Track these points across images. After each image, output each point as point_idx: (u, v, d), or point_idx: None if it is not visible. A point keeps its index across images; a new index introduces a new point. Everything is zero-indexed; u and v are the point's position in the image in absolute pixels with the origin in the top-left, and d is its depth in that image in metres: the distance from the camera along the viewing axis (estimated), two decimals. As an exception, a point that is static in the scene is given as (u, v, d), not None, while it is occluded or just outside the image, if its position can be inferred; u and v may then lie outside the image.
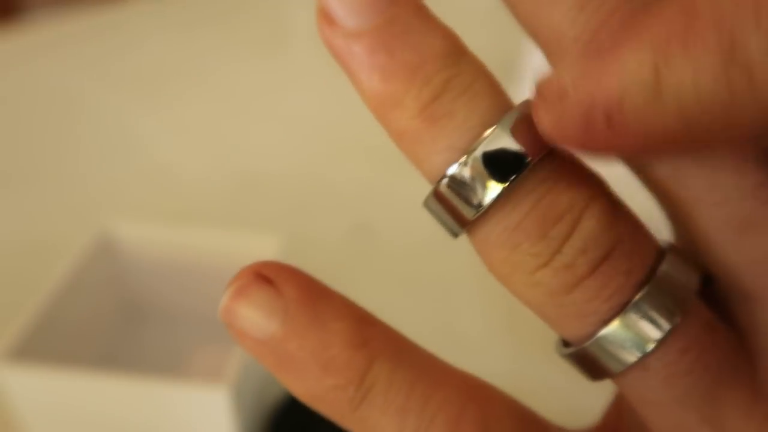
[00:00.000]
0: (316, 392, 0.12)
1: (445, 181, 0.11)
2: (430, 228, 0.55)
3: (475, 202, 0.11)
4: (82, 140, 0.62)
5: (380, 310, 0.12)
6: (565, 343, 0.12)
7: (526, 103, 0.11)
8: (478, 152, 0.11)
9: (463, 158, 0.11)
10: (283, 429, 0.34)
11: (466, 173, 0.11)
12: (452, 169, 0.11)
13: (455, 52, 0.11)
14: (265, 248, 0.37)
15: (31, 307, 0.32)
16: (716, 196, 0.11)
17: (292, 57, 0.82)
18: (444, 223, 0.12)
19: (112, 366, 0.37)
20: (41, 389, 0.30)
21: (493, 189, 0.11)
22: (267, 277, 0.12)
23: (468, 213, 0.11)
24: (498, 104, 0.11)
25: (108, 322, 0.39)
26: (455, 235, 0.12)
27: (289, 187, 0.55)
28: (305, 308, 0.12)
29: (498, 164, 0.11)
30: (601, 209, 0.11)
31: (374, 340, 0.12)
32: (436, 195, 0.11)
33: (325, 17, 0.11)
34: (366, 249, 0.49)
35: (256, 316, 0.12)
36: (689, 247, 0.12)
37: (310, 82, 0.76)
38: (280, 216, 0.52)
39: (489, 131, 0.11)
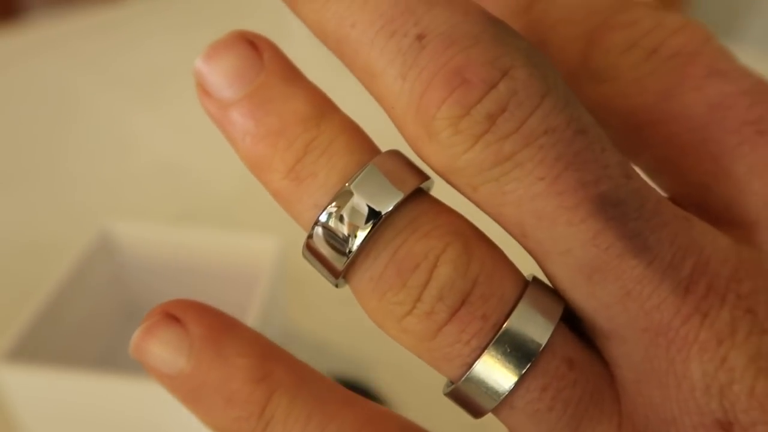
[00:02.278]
0: (222, 424, 0.12)
1: (312, 235, 0.12)
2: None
3: (342, 254, 0.12)
4: (83, 140, 0.62)
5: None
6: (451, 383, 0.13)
7: (385, 155, 0.12)
8: (338, 208, 0.12)
9: (325, 214, 0.12)
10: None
11: (331, 228, 0.12)
12: (316, 229, 0.12)
13: (317, 114, 0.12)
14: (265, 249, 0.37)
15: (31, 307, 0.32)
16: (559, 247, 0.11)
17: (293, 57, 0.82)
18: (322, 273, 0.12)
19: (112, 366, 0.37)
20: (41, 389, 0.30)
21: (356, 239, 0.11)
22: (174, 315, 0.12)
23: (338, 263, 0.12)
24: (356, 161, 0.12)
25: (108, 322, 0.39)
26: (336, 285, 0.12)
27: (289, 187, 0.55)
28: (209, 344, 0.12)
29: (354, 222, 0.11)
30: (456, 254, 0.11)
31: (275, 373, 0.12)
32: (308, 247, 0.12)
33: (203, 89, 0.13)
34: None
35: (164, 353, 0.12)
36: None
37: (311, 80, 0.76)
38: (280, 216, 0.51)
39: (346, 191, 0.12)
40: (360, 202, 0.11)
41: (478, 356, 0.11)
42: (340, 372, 0.38)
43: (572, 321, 0.12)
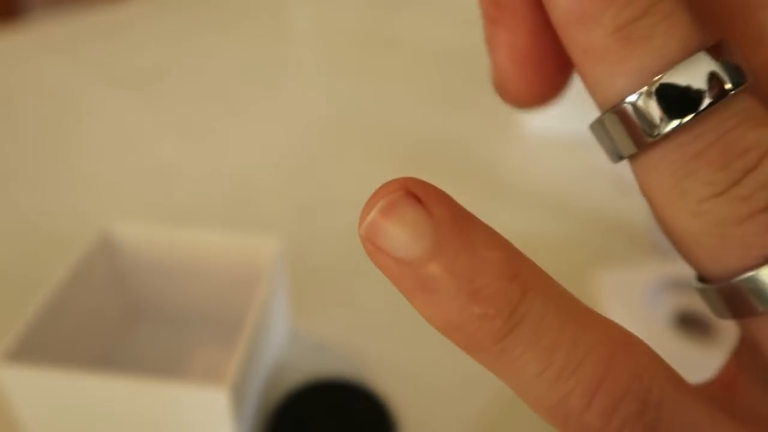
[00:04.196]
0: (455, 320, 0.11)
1: (632, 99, 0.11)
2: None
3: (657, 127, 0.11)
4: (83, 140, 0.62)
5: (380, 310, 0.12)
6: (702, 280, 0.12)
7: (723, 41, 0.11)
8: (675, 80, 0.11)
9: (655, 83, 0.11)
10: (282, 428, 0.34)
11: (654, 98, 0.11)
12: (639, 93, 0.11)
13: None
14: (265, 249, 0.37)
15: (31, 306, 0.32)
16: None
17: (293, 57, 0.82)
18: (612, 144, 0.12)
19: (112, 366, 0.37)
20: (41, 389, 0.30)
21: (679, 120, 0.11)
22: (416, 195, 0.11)
23: (647, 136, 0.11)
24: (698, 33, 0.11)
25: (108, 322, 0.39)
26: (619, 158, 0.12)
27: (288, 187, 0.55)
28: (457, 232, 0.11)
29: (688, 97, 0.11)
30: None
31: (526, 273, 0.11)
32: (619, 113, 0.11)
33: None
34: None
35: (403, 235, 0.11)
36: None
37: (311, 82, 0.76)
38: (280, 216, 0.52)
39: (687, 60, 0.11)
40: (700, 79, 0.11)
41: None
42: (340, 372, 0.38)
43: None
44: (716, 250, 0.11)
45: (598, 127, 0.12)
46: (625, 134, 0.11)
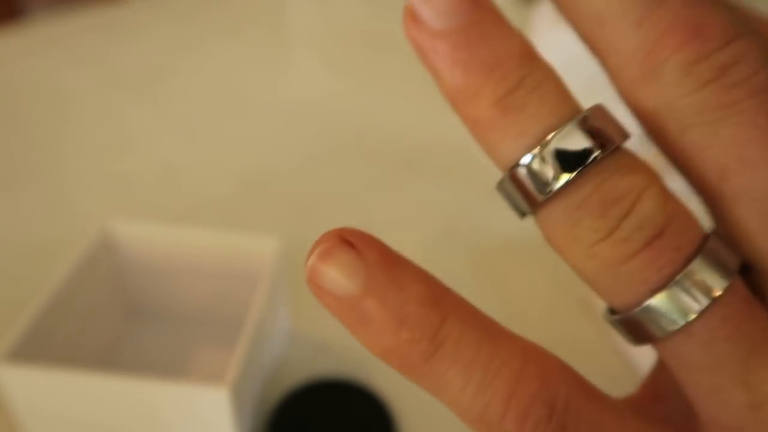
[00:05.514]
0: (388, 346, 0.13)
1: (520, 167, 0.13)
2: (429, 228, 0.56)
3: (546, 187, 0.13)
4: (83, 140, 0.62)
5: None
6: (612, 312, 0.14)
7: (594, 107, 0.13)
8: (552, 146, 0.12)
9: (537, 149, 0.12)
10: (282, 428, 0.34)
11: (539, 163, 0.12)
12: (527, 158, 0.13)
13: (529, 55, 0.13)
14: (266, 249, 0.37)
15: (31, 307, 0.32)
16: (756, 192, 0.12)
17: (294, 56, 0.82)
18: (513, 204, 0.14)
19: (112, 366, 0.37)
20: (41, 389, 0.30)
21: (563, 177, 0.12)
22: (350, 241, 0.13)
23: (538, 196, 0.13)
24: (565, 102, 0.13)
25: (108, 322, 0.39)
26: (523, 215, 0.14)
27: (289, 187, 0.55)
28: (384, 270, 0.13)
29: (569, 157, 0.12)
30: (656, 193, 0.12)
31: (445, 301, 0.13)
32: (512, 178, 0.13)
33: (412, 17, 0.13)
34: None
35: (339, 276, 0.13)
36: (727, 238, 0.13)
37: (312, 81, 0.76)
38: (280, 216, 0.52)
39: (563, 126, 0.12)
40: (575, 143, 0.12)
41: (666, 284, 0.12)
42: (340, 372, 0.38)
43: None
44: (612, 287, 0.13)
45: (501, 188, 0.14)
46: (521, 194, 0.13)
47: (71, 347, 0.35)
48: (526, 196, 0.13)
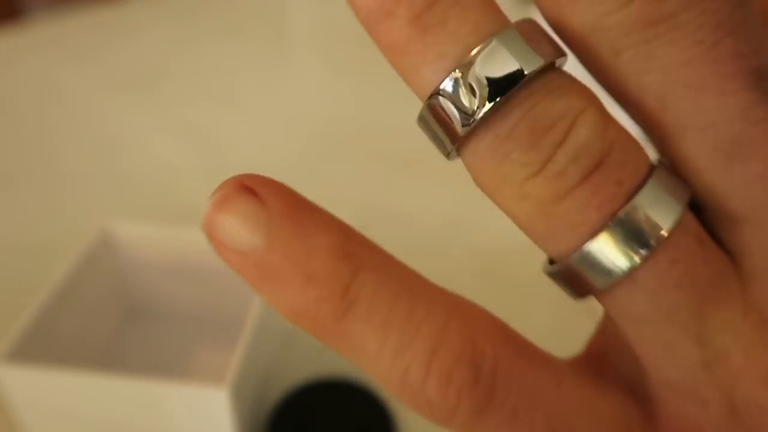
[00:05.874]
0: (298, 306, 0.11)
1: (440, 95, 0.11)
2: (429, 228, 0.56)
3: (469, 117, 0.11)
4: (83, 140, 0.62)
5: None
6: (551, 262, 0.12)
7: (523, 21, 0.11)
8: (474, 67, 0.11)
9: (457, 72, 0.11)
10: (282, 428, 0.34)
11: (459, 87, 0.11)
12: (446, 85, 0.11)
13: None
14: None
15: (31, 307, 0.32)
16: (702, 120, 0.11)
17: (293, 56, 0.82)
18: (436, 140, 0.12)
19: (112, 366, 0.37)
20: (41, 389, 0.30)
21: (488, 104, 0.11)
22: (251, 188, 0.11)
23: (460, 129, 0.11)
24: (490, 15, 0.11)
25: (108, 322, 0.39)
26: (448, 154, 0.12)
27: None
28: (289, 220, 0.11)
29: (494, 80, 0.11)
30: (594, 118, 0.11)
31: (359, 252, 0.11)
32: (431, 110, 0.11)
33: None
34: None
35: (239, 228, 0.11)
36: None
37: (311, 81, 0.76)
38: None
39: (485, 44, 0.11)
40: (498, 63, 0.11)
41: (606, 224, 0.11)
42: (340, 372, 0.38)
43: (695, 210, 0.12)
44: (547, 232, 0.11)
45: (422, 122, 0.12)
46: (442, 128, 0.11)
47: (71, 347, 0.35)
48: (447, 129, 0.11)
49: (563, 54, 0.11)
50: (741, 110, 0.10)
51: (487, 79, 0.10)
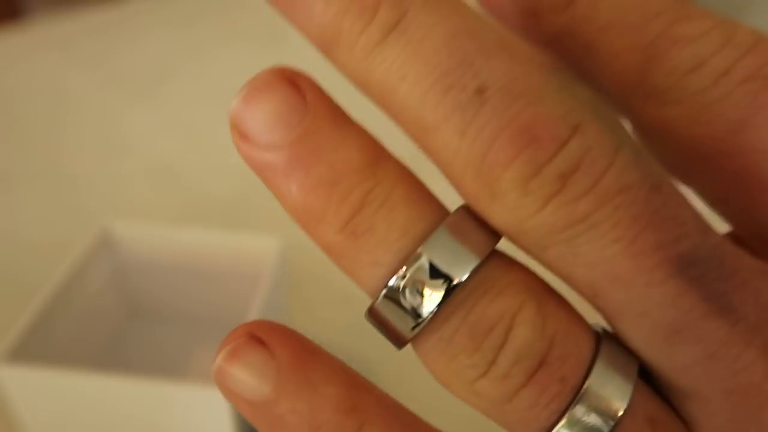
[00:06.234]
0: None
1: (379, 299, 0.11)
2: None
3: (410, 323, 0.11)
4: (83, 140, 0.62)
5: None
6: None
7: (456, 213, 0.11)
8: (409, 276, 0.11)
9: (393, 280, 0.11)
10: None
11: (398, 294, 0.11)
12: (384, 290, 0.11)
13: (372, 162, 0.11)
14: (266, 249, 0.37)
15: (31, 307, 0.32)
16: (635, 309, 0.11)
17: (292, 55, 0.82)
18: (386, 336, 0.12)
19: (112, 366, 0.37)
20: (41, 389, 0.30)
21: (426, 306, 0.11)
22: (260, 338, 0.11)
23: (405, 333, 0.11)
24: (417, 214, 0.11)
25: (108, 322, 0.39)
26: (399, 347, 0.12)
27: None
28: (297, 371, 0.11)
29: (428, 287, 0.11)
30: (531, 316, 0.11)
31: (364, 404, 0.12)
32: (371, 315, 0.11)
33: (239, 133, 0.11)
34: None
35: (248, 379, 0.11)
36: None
37: (311, 82, 0.76)
38: (280, 217, 0.51)
39: (414, 257, 0.11)
40: (432, 268, 0.11)
41: (557, 420, 0.11)
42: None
43: (645, 375, 0.12)
44: (506, 426, 0.11)
45: (369, 320, 0.12)
46: (388, 330, 0.11)
47: (71, 347, 0.35)
48: (392, 332, 0.11)
49: (498, 239, 0.11)
50: (670, 299, 0.10)
51: (423, 286, 0.11)
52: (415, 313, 0.11)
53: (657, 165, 0.11)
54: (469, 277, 0.11)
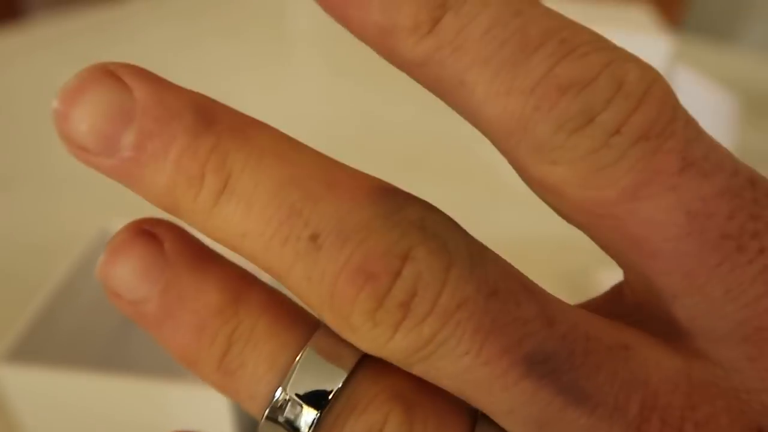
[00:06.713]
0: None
1: (261, 422, 0.12)
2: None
3: None
4: (82, 140, 0.62)
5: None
6: None
7: (318, 336, 0.12)
8: (280, 408, 0.12)
9: (268, 411, 0.12)
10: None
11: (277, 423, 0.12)
12: (262, 421, 0.12)
13: (232, 300, 0.12)
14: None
15: (31, 307, 0.32)
16: (502, 408, 0.11)
17: (293, 55, 0.82)
18: None
19: (112, 366, 0.37)
20: (41, 389, 0.30)
21: (303, 430, 0.12)
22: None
23: None
24: (281, 343, 0.12)
25: (108, 323, 0.39)
26: None
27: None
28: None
29: (300, 414, 0.12)
30: (399, 422, 0.11)
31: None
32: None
33: (113, 293, 0.12)
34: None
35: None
36: None
37: (310, 81, 0.76)
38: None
39: (281, 393, 0.12)
40: (301, 396, 0.12)
41: None
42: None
43: None
44: None
45: None
46: None
47: (71, 347, 0.35)
48: None
49: (359, 355, 0.12)
50: (528, 397, 0.11)
51: (296, 415, 0.12)
52: None
53: (492, 261, 0.11)
54: (337, 393, 0.12)
